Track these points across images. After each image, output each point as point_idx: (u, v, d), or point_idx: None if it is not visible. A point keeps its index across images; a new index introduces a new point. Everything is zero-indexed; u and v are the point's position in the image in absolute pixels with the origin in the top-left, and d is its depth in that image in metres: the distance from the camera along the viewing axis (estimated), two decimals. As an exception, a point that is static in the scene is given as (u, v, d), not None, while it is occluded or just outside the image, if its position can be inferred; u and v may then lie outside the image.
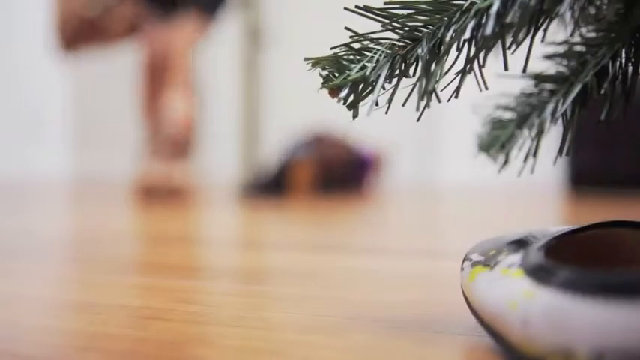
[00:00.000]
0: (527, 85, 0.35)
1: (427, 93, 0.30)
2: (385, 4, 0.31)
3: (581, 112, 0.32)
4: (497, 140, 0.34)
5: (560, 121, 0.33)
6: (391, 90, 0.31)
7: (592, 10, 0.32)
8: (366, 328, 0.35)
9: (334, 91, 0.31)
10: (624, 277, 0.24)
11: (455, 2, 0.30)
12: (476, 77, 0.31)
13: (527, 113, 0.34)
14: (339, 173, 1.72)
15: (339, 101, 0.30)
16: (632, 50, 0.32)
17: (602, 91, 0.32)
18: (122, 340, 0.32)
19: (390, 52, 0.31)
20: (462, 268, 0.34)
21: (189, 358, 0.30)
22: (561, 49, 0.34)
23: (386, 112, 0.31)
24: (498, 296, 0.28)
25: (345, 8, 0.31)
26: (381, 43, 0.31)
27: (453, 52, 0.30)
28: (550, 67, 0.34)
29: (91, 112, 3.12)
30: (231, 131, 2.79)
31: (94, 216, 1.06)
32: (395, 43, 0.31)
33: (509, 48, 0.30)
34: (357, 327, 0.35)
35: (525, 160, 0.33)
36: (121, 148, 2.95)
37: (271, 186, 1.60)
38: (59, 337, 0.33)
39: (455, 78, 0.31)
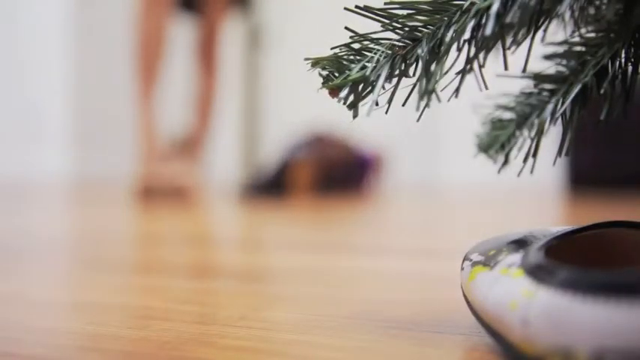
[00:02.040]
0: (527, 85, 0.35)
1: (427, 93, 0.30)
2: (385, 4, 0.31)
3: (581, 112, 0.32)
4: (497, 140, 0.34)
5: (560, 121, 0.33)
6: (391, 90, 0.31)
7: (592, 10, 0.32)
8: (366, 328, 0.35)
9: (334, 91, 0.31)
10: (624, 277, 0.24)
11: (455, 2, 0.30)
12: (476, 77, 0.31)
13: (527, 113, 0.34)
14: (339, 173, 1.72)
15: (339, 101, 0.30)
16: (632, 50, 0.32)
17: (602, 91, 0.32)
18: (122, 340, 0.32)
19: (390, 52, 0.31)
20: (462, 268, 0.34)
21: (189, 358, 0.30)
22: (561, 49, 0.34)
23: (386, 112, 0.31)
24: (498, 296, 0.28)
25: (345, 8, 0.31)
26: (381, 43, 0.31)
27: (453, 52, 0.30)
28: (550, 67, 0.34)
29: (91, 112, 3.12)
30: (231, 131, 2.79)
31: (94, 216, 1.06)
32: (395, 43, 0.31)
33: (509, 48, 0.30)
34: (357, 327, 0.35)
35: (525, 160, 0.33)
36: (121, 147, 2.95)
37: (271, 186, 1.60)
38: (59, 337, 0.33)
39: (455, 78, 0.31)
